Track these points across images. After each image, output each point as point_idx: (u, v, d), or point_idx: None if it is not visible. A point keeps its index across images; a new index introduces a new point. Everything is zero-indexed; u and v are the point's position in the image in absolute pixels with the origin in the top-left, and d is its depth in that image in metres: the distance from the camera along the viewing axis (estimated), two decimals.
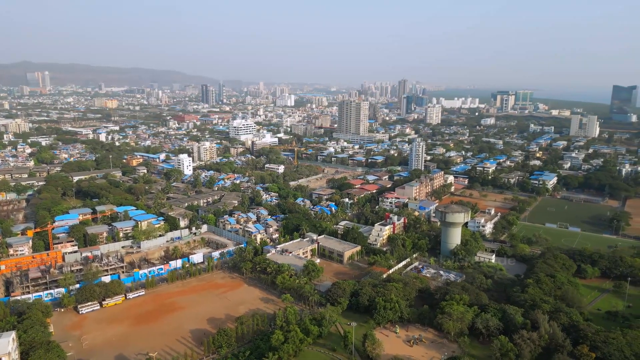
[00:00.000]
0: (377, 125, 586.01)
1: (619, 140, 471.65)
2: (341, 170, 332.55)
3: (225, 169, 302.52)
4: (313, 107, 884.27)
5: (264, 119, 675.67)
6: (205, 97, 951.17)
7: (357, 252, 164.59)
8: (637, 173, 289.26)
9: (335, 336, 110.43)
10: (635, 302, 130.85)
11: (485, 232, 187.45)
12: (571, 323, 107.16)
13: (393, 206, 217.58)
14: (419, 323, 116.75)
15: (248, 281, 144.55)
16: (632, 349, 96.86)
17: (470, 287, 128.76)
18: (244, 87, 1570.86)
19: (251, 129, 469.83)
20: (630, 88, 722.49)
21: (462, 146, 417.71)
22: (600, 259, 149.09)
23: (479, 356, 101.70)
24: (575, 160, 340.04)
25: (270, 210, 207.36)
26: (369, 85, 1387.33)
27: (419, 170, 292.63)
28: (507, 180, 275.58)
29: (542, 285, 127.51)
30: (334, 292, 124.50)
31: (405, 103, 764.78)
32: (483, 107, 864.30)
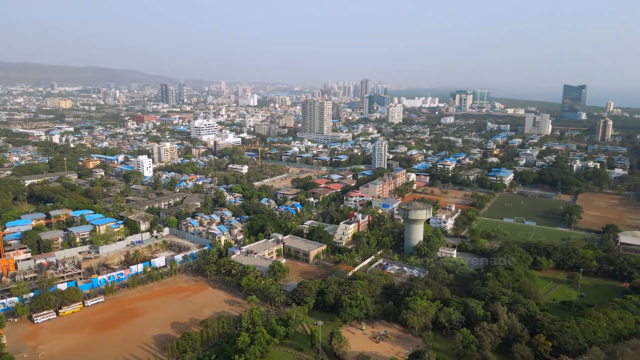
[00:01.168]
0: (340, 124, 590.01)
1: (570, 137, 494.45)
2: (306, 169, 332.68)
3: (187, 170, 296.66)
4: (276, 107, 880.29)
5: (227, 118, 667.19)
6: (165, 96, 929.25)
7: (323, 251, 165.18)
8: (587, 169, 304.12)
9: (302, 336, 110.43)
10: (588, 291, 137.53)
11: (447, 228, 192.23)
12: (528, 314, 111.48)
13: (357, 205, 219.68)
14: (384, 319, 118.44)
15: (212, 284, 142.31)
16: (585, 336, 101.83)
17: (433, 282, 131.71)
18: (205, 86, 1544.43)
19: (213, 129, 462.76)
20: (579, 87, 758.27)
21: (423, 144, 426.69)
22: (555, 252, 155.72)
23: (443, 349, 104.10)
24: (530, 157, 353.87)
25: (235, 211, 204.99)
26: (332, 85, 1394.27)
27: (382, 169, 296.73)
28: (466, 177, 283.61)
29: (501, 278, 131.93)
30: (300, 292, 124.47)
31: (367, 103, 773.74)
32: (443, 106, 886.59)
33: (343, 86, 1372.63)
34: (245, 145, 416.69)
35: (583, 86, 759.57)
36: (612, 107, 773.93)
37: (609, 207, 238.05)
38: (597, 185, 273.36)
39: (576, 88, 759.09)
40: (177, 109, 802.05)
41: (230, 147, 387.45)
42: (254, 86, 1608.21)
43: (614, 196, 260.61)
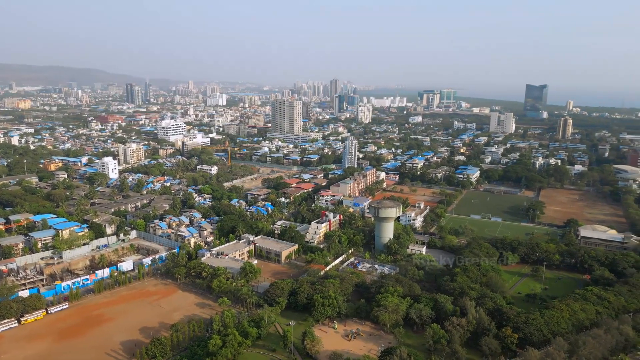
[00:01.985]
0: (310, 124, 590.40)
1: (533, 135, 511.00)
2: (276, 169, 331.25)
3: (154, 172, 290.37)
4: (246, 107, 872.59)
5: (195, 118, 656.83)
6: (131, 96, 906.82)
7: (295, 251, 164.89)
8: (549, 165, 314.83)
9: (274, 336, 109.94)
10: (551, 284, 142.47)
11: (416, 225, 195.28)
12: (495, 307, 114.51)
13: (329, 204, 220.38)
14: (356, 317, 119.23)
15: (182, 287, 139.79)
16: (549, 327, 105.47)
17: (403, 279, 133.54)
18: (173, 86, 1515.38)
19: (181, 129, 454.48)
20: (541, 87, 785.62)
21: (392, 143, 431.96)
22: (520, 246, 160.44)
23: (414, 345, 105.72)
24: (495, 155, 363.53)
25: (204, 212, 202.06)
26: (301, 85, 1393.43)
27: (353, 168, 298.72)
28: (434, 175, 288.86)
29: (469, 273, 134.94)
30: (272, 293, 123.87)
31: (337, 102, 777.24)
32: (411, 106, 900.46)
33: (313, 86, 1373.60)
34: (214, 145, 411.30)
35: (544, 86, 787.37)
36: (571, 106, 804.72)
37: (569, 202, 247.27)
38: (559, 182, 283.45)
39: (538, 88, 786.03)
40: (143, 109, 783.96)
41: (199, 148, 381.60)
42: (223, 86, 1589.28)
43: (574, 192, 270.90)
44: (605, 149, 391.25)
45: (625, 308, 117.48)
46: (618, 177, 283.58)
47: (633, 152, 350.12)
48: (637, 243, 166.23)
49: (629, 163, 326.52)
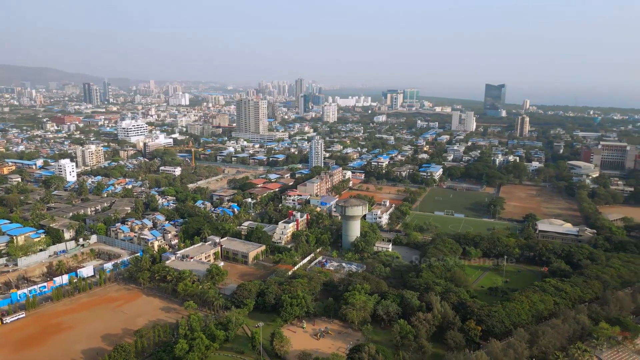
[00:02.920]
0: (276, 123, 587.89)
1: (492, 133, 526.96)
2: (242, 170, 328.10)
3: (114, 174, 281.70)
4: (210, 106, 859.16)
5: (157, 119, 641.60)
6: (89, 96, 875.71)
7: (262, 251, 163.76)
8: (508, 162, 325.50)
9: (243, 338, 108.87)
10: (512, 277, 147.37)
11: (382, 223, 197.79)
12: (460, 301, 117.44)
13: (296, 203, 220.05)
14: (324, 316, 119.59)
15: (146, 292, 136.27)
16: (510, 319, 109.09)
17: (370, 276, 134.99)
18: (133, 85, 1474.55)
19: (143, 129, 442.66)
20: (499, 86, 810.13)
21: (357, 143, 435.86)
22: (482, 241, 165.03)
23: (382, 341, 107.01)
24: (457, 153, 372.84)
25: (168, 215, 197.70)
26: (266, 84, 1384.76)
27: (319, 167, 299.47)
28: (399, 174, 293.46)
29: (434, 269, 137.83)
30: (239, 294, 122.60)
31: (302, 102, 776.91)
32: (375, 105, 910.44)
33: (278, 85, 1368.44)
34: (177, 146, 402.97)
35: (502, 85, 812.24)
36: (528, 105, 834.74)
37: (528, 197, 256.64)
38: (517, 178, 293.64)
39: (496, 87, 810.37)
40: (102, 110, 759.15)
41: (162, 149, 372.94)
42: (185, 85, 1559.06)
43: (532, 187, 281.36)
44: (560, 146, 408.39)
45: (581, 298, 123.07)
46: (572, 173, 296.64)
47: (586, 148, 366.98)
48: (591, 235, 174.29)
49: (582, 159, 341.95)
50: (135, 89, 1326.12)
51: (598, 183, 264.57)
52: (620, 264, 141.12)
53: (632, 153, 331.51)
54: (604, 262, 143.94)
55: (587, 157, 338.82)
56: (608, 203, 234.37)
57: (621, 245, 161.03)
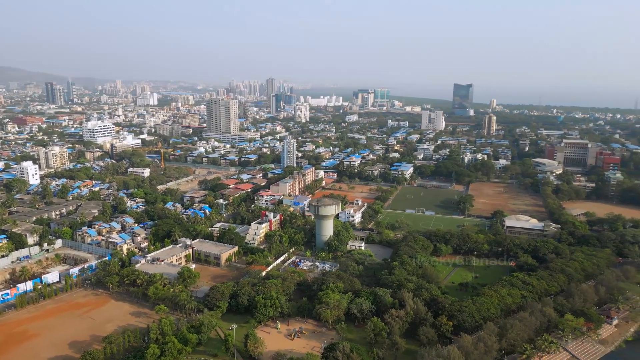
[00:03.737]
0: (248, 123, 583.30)
1: (461, 132, 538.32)
2: (213, 170, 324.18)
3: (80, 176, 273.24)
4: (179, 106, 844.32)
5: (124, 119, 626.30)
6: (52, 96, 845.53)
7: (235, 252, 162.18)
8: (477, 160, 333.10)
9: (216, 341, 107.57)
10: (481, 272, 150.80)
11: (355, 221, 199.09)
12: (431, 297, 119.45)
13: (268, 204, 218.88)
14: (299, 316, 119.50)
15: (115, 296, 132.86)
16: (480, 313, 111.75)
17: (344, 275, 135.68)
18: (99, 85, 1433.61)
19: (109, 130, 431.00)
20: (467, 86, 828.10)
21: (330, 142, 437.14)
22: (452, 238, 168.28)
23: (356, 339, 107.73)
24: (427, 152, 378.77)
25: (137, 217, 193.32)
26: (237, 84, 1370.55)
27: (292, 167, 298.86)
28: (371, 173, 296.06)
29: (406, 266, 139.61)
30: (212, 297, 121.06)
31: (274, 101, 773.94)
32: (347, 105, 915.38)
33: (249, 85, 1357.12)
34: (146, 147, 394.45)
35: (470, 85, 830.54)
36: (494, 104, 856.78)
37: (495, 194, 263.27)
38: (485, 175, 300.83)
39: (464, 87, 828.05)
40: (67, 110, 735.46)
41: (130, 150, 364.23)
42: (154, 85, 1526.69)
43: (500, 184, 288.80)
44: (526, 144, 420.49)
45: (547, 291, 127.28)
46: (537, 170, 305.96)
47: (550, 146, 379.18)
48: (555, 230, 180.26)
49: (546, 156, 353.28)
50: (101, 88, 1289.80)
51: (561, 179, 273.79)
52: (583, 258, 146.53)
53: (593, 150, 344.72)
54: (568, 256, 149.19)
55: (551, 155, 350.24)
56: (571, 199, 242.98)
57: (584, 239, 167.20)
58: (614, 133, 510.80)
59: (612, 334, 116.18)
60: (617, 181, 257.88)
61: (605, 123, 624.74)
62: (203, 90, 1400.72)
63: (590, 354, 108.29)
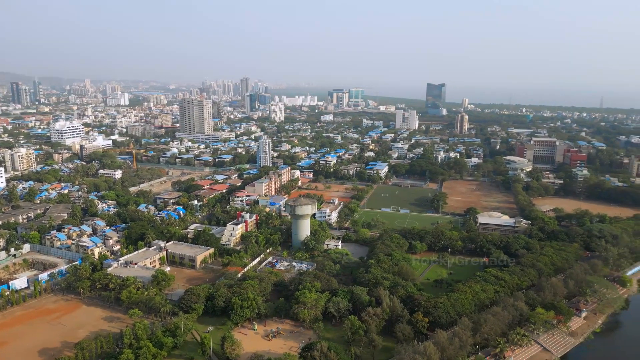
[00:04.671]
0: (222, 123, 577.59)
1: (434, 131, 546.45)
2: (187, 171, 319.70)
3: (48, 179, 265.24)
4: (151, 106, 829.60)
5: (94, 119, 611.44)
6: (17, 96, 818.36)
7: (210, 254, 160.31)
8: (450, 159, 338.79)
9: (192, 344, 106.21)
10: (455, 269, 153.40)
11: (331, 221, 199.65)
12: (407, 294, 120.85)
13: (244, 204, 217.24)
14: (276, 316, 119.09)
15: (87, 301, 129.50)
16: (455, 309, 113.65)
17: (321, 274, 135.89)
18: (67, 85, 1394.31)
19: (79, 131, 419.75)
20: (440, 86, 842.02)
21: (305, 142, 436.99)
22: (427, 235, 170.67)
23: (333, 338, 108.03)
24: (402, 150, 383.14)
25: (109, 220, 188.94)
26: (210, 83, 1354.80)
27: (268, 167, 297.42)
28: (347, 172, 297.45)
29: (382, 264, 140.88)
30: (187, 299, 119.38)
31: (249, 101, 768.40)
32: (322, 105, 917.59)
33: (222, 84, 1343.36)
34: (117, 148, 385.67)
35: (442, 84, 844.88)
36: (466, 103, 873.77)
37: (468, 192, 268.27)
38: (458, 173, 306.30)
39: (437, 86, 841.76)
40: (33, 110, 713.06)
41: (100, 151, 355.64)
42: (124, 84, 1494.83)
43: (472, 182, 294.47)
44: (497, 142, 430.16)
45: (518, 286, 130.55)
46: (508, 168, 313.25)
47: (519, 144, 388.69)
48: (526, 226, 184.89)
49: (516, 154, 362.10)
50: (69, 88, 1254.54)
51: (531, 177, 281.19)
52: (553, 252, 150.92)
53: (561, 148, 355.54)
54: (539, 251, 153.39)
55: (521, 153, 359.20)
56: (541, 195, 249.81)
57: (553, 235, 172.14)
58: (580, 131, 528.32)
59: (581, 325, 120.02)
60: (584, 178, 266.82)
61: (572, 121, 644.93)
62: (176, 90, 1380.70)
63: (560, 345, 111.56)
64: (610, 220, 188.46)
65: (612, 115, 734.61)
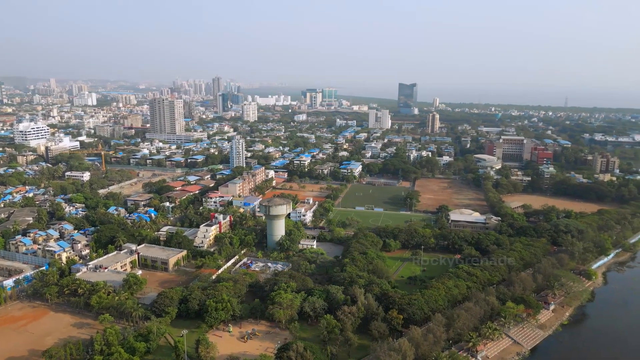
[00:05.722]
0: (194, 123, 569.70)
1: (407, 130, 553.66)
2: (159, 172, 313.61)
3: (12, 182, 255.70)
4: (120, 106, 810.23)
5: (60, 120, 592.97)
6: None
7: (183, 256, 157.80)
8: (422, 157, 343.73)
9: (166, 348, 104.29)
10: (428, 266, 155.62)
11: (306, 220, 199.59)
12: (382, 292, 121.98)
13: (218, 205, 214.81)
14: (251, 317, 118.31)
15: (55, 308, 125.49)
16: (429, 305, 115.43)
17: (296, 274, 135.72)
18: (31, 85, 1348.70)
19: (44, 132, 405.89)
20: (411, 85, 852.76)
21: (279, 142, 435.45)
22: (400, 233, 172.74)
23: (309, 338, 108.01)
24: (375, 150, 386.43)
25: (77, 224, 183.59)
26: (181, 83, 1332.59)
27: (241, 167, 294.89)
28: (321, 171, 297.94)
29: (357, 262, 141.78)
30: (160, 303, 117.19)
31: (221, 101, 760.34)
32: (295, 104, 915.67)
33: (194, 84, 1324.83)
34: (85, 149, 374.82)
35: (414, 84, 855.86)
36: (437, 103, 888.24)
37: (440, 190, 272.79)
38: (430, 172, 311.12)
39: (408, 86, 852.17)
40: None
41: (67, 153, 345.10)
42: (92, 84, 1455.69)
43: (444, 180, 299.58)
44: (467, 141, 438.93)
45: (489, 281, 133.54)
46: (478, 166, 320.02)
47: (489, 142, 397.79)
48: (496, 223, 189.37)
49: (486, 152, 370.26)
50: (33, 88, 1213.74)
51: (501, 174, 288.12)
52: (522, 248, 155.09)
53: (528, 146, 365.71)
54: (508, 247, 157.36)
55: (490, 151, 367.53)
56: (510, 192, 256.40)
57: (522, 230, 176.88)
58: (546, 129, 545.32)
59: (549, 318, 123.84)
60: (550, 174, 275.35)
61: (539, 120, 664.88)
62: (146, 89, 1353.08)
63: (530, 338, 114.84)
64: (575, 216, 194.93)
65: (576, 114, 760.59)
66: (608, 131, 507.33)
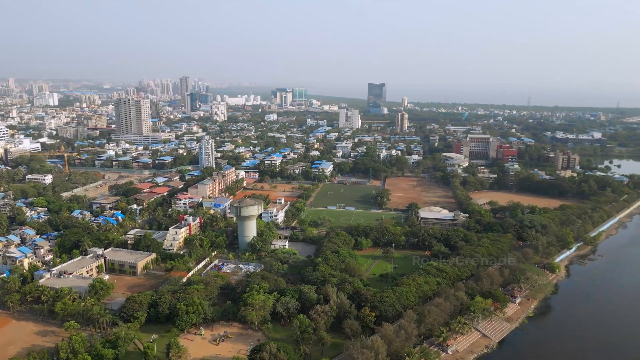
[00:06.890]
0: (161, 124, 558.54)
1: (376, 129, 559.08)
2: (125, 174, 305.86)
3: None
4: (84, 107, 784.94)
5: (20, 121, 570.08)
6: None
7: (152, 260, 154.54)
8: (391, 156, 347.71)
9: (135, 354, 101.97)
10: (399, 263, 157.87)
11: (278, 220, 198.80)
12: (354, 290, 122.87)
13: (187, 207, 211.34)
14: (223, 320, 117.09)
15: (17, 316, 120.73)
16: (400, 302, 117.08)
17: (268, 274, 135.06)
18: None
19: (2, 134, 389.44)
20: (380, 85, 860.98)
21: (249, 142, 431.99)
22: (371, 231, 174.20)
23: (282, 338, 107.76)
24: (346, 149, 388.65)
25: (39, 228, 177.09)
26: (147, 82, 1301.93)
27: (211, 168, 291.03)
28: (292, 171, 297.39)
29: (329, 261, 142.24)
30: (128, 308, 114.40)
31: (189, 101, 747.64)
32: (265, 104, 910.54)
33: (161, 83, 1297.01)
34: (46, 151, 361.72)
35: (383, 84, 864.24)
36: (406, 102, 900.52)
37: (409, 188, 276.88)
38: (400, 170, 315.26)
39: (378, 86, 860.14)
40: None
41: (28, 155, 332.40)
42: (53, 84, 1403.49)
43: (413, 178, 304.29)
44: (435, 140, 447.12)
45: (459, 276, 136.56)
46: (446, 164, 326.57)
47: (456, 141, 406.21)
48: (464, 219, 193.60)
49: (454, 151, 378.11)
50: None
51: (468, 172, 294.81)
52: (489, 243, 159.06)
53: (494, 144, 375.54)
54: (476, 243, 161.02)
55: (457, 149, 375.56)
56: (477, 189, 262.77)
57: (489, 226, 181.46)
58: (511, 128, 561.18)
59: (516, 311, 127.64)
60: (515, 172, 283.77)
61: (504, 119, 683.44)
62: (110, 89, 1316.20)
63: (498, 331, 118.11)
64: (539, 211, 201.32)
65: (538, 112, 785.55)
66: (569, 129, 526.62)
